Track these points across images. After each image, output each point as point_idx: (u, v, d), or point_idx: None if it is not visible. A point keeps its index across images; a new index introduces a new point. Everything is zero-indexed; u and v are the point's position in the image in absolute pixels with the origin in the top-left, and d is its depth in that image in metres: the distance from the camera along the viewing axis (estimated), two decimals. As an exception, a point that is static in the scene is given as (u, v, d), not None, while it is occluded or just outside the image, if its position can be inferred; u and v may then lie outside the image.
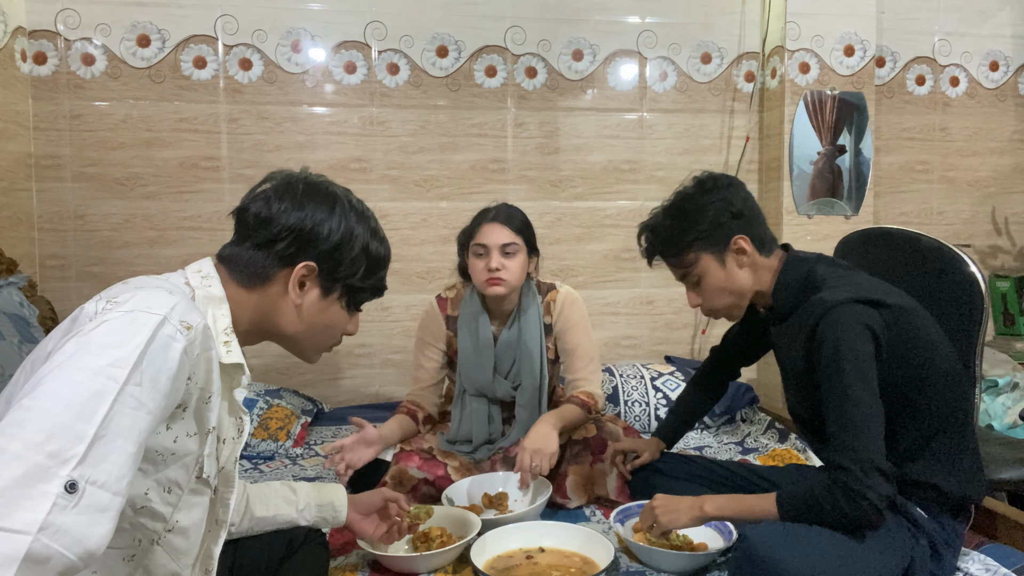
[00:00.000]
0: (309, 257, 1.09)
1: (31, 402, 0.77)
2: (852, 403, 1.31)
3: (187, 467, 0.98)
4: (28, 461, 0.73)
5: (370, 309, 3.00)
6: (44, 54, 2.73)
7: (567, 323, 2.06)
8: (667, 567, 1.56)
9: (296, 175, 1.15)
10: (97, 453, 0.77)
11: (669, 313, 3.20)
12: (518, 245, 1.95)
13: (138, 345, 0.84)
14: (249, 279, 1.08)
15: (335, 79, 2.92)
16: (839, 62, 3.01)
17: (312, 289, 1.11)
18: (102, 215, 2.79)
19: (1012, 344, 3.05)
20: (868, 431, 1.30)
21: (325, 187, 1.14)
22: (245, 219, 1.10)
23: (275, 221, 1.07)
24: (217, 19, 2.82)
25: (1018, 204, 3.42)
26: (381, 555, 1.57)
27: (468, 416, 2.06)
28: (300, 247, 1.08)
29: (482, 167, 3.04)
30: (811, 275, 1.48)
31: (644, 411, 2.66)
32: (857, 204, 3.04)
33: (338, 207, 1.11)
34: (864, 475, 1.27)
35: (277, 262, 1.08)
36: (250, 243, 1.09)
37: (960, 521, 1.45)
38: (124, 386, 0.81)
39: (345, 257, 1.11)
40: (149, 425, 0.85)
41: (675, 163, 3.14)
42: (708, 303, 1.58)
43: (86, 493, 0.75)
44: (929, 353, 1.40)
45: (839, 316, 1.36)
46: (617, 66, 3.10)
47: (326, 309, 1.14)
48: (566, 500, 1.91)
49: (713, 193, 1.53)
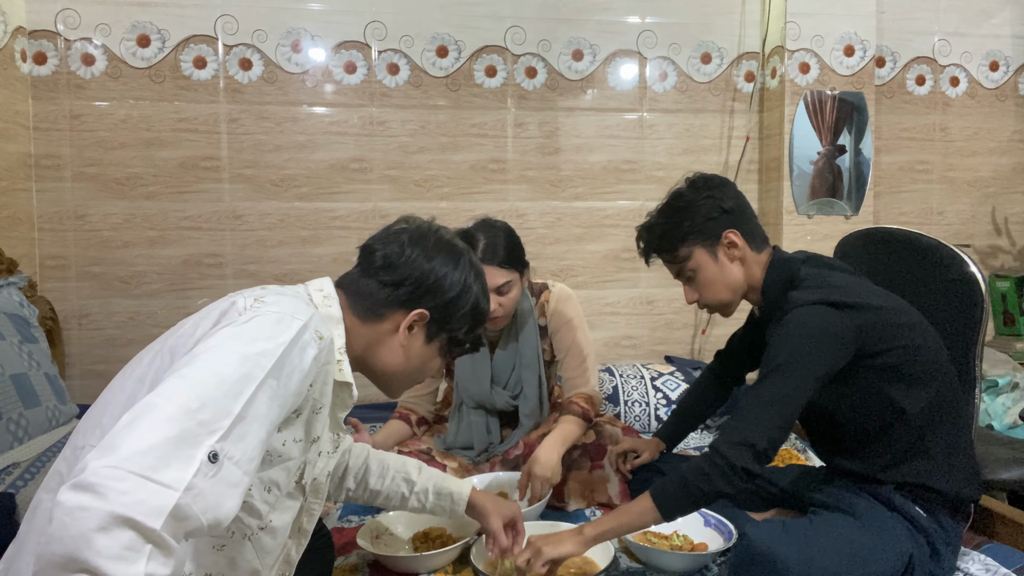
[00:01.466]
0: (425, 305, 1.16)
1: (188, 371, 0.86)
2: (769, 386, 1.35)
3: (288, 470, 1.05)
4: (181, 424, 0.80)
5: (370, 309, 3.02)
6: (44, 54, 2.73)
7: (560, 322, 2.04)
8: (667, 567, 1.56)
9: (430, 226, 1.23)
10: (238, 431, 0.85)
11: (669, 313, 3.20)
12: (512, 280, 1.88)
13: (282, 343, 0.93)
14: (365, 312, 1.15)
15: (335, 79, 2.92)
16: (839, 62, 3.01)
17: (419, 333, 1.18)
18: (102, 215, 2.79)
19: (1012, 344, 3.05)
20: (769, 415, 1.32)
21: (454, 243, 1.22)
22: (373, 257, 1.17)
23: (404, 266, 1.15)
24: (217, 19, 2.82)
25: (1018, 204, 3.42)
26: (381, 555, 1.57)
27: (466, 428, 2.05)
28: (420, 295, 1.16)
29: (482, 167, 3.04)
30: (793, 275, 1.51)
31: (644, 411, 2.66)
32: (857, 204, 3.04)
33: (461, 264, 1.20)
34: (737, 444, 1.30)
35: (396, 304, 1.16)
36: (375, 280, 1.16)
37: (959, 520, 1.46)
38: (266, 377, 0.89)
39: (457, 311, 1.19)
40: (277, 417, 0.93)
41: (675, 163, 3.14)
42: (703, 298, 1.61)
43: (224, 466, 0.83)
44: (912, 354, 1.41)
45: (798, 315, 1.39)
46: (617, 66, 3.10)
47: (425, 354, 1.22)
48: (564, 504, 1.92)
49: (704, 191, 1.57)
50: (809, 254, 1.59)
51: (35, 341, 2.20)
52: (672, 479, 1.36)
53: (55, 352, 2.56)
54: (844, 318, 1.38)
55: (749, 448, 1.30)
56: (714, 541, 1.62)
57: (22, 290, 2.35)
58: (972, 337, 1.57)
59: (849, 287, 1.45)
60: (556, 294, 2.07)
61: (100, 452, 0.77)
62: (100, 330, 2.81)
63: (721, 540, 1.60)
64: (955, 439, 1.45)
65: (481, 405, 2.05)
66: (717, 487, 1.31)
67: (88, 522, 0.72)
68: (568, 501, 1.92)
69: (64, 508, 0.73)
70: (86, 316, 2.80)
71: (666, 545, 1.60)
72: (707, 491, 1.32)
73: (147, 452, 0.77)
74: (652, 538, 1.63)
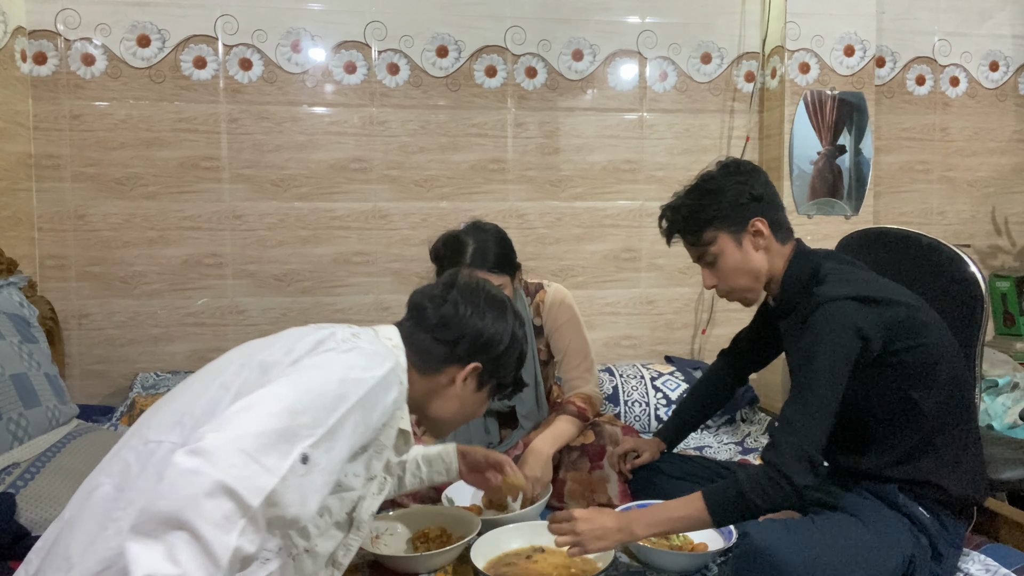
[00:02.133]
0: (479, 359, 1.25)
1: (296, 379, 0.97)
2: (810, 391, 1.33)
3: (343, 500, 1.12)
4: (285, 422, 0.90)
5: (370, 309, 3.02)
6: (44, 54, 2.73)
7: (556, 322, 2.04)
8: (667, 567, 1.56)
9: (478, 283, 1.32)
10: (327, 443, 0.95)
11: (669, 313, 3.20)
12: (503, 282, 1.87)
13: (375, 377, 1.03)
14: (424, 365, 1.23)
15: (335, 79, 2.92)
16: (839, 62, 3.01)
17: (471, 383, 1.28)
18: (102, 215, 2.79)
19: (1012, 344, 3.05)
20: (816, 421, 1.31)
21: (500, 299, 1.31)
22: (426, 314, 1.25)
23: (460, 326, 1.23)
24: (217, 19, 2.82)
25: (1018, 204, 3.42)
26: (381, 555, 1.57)
27: (464, 430, 2.04)
28: (475, 350, 1.25)
29: (482, 167, 3.04)
30: (817, 270, 1.49)
31: (644, 411, 2.66)
32: (857, 204, 3.04)
33: (508, 317, 1.29)
34: (795, 460, 1.29)
35: (454, 360, 1.24)
36: (430, 336, 1.23)
37: (962, 522, 1.45)
38: (358, 402, 1.00)
39: (507, 361, 1.29)
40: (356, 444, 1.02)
41: (675, 163, 3.14)
42: (724, 283, 1.58)
43: (312, 470, 0.92)
44: (935, 353, 1.40)
45: (829, 311, 1.37)
46: (617, 66, 3.10)
47: (477, 400, 1.31)
48: (563, 505, 1.91)
49: (735, 176, 1.55)
50: (830, 251, 1.58)
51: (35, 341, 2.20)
52: (728, 488, 1.34)
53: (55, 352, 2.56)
54: (872, 313, 1.37)
55: (807, 462, 1.29)
56: (714, 541, 1.62)
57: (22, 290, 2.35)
58: (972, 337, 1.58)
59: (875, 283, 1.44)
60: (551, 294, 2.06)
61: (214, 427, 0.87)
62: (100, 330, 2.81)
63: (721, 540, 1.60)
64: (965, 439, 1.44)
65: None
66: (775, 504, 1.31)
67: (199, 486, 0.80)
68: (568, 502, 1.92)
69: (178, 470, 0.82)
70: (86, 316, 2.80)
71: (666, 545, 1.60)
72: (764, 507, 1.31)
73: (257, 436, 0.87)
74: (652, 538, 1.63)
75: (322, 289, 2.97)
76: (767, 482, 1.30)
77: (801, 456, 1.29)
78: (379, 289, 3.01)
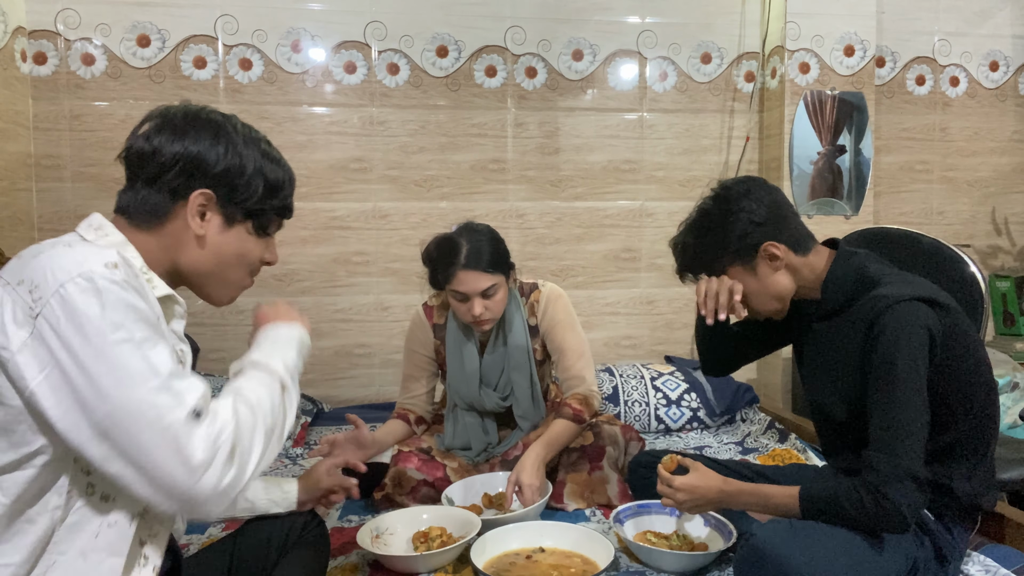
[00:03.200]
0: (202, 184, 1.07)
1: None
2: (899, 404, 1.29)
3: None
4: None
5: (370, 309, 3.02)
6: (44, 54, 2.73)
7: (552, 321, 2.03)
8: (667, 567, 1.56)
9: (172, 107, 1.11)
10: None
11: (669, 313, 3.20)
12: (497, 283, 1.87)
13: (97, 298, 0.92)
14: (147, 219, 1.07)
15: (335, 79, 2.92)
16: (839, 62, 3.01)
17: (214, 218, 1.09)
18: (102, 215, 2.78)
19: (1012, 344, 3.05)
20: (911, 435, 1.27)
21: (205, 114, 1.11)
22: (130, 160, 1.09)
23: (158, 153, 1.05)
24: (217, 19, 2.82)
25: (1018, 204, 3.42)
26: (381, 555, 1.57)
27: (463, 429, 2.05)
28: (189, 175, 1.06)
29: (482, 167, 3.04)
30: (863, 270, 1.44)
31: (644, 411, 2.66)
32: (857, 204, 3.04)
33: (221, 132, 1.09)
34: (898, 481, 1.25)
35: (170, 195, 1.06)
36: (139, 182, 1.07)
37: (967, 527, 1.45)
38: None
39: (239, 181, 1.09)
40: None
41: (675, 163, 3.14)
42: (749, 309, 1.52)
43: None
44: (976, 359, 1.39)
45: (901, 313, 1.32)
46: (617, 66, 3.10)
47: (232, 237, 1.12)
48: (563, 505, 1.92)
49: (732, 205, 1.47)
50: (869, 252, 1.52)
51: (35, 341, 2.20)
52: (827, 492, 1.32)
53: (55, 352, 2.55)
54: (938, 316, 1.34)
55: (914, 482, 1.26)
56: (714, 541, 1.62)
57: (22, 290, 2.35)
58: (972, 337, 1.57)
59: (930, 285, 1.41)
60: (547, 294, 2.06)
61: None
62: (100, 330, 2.81)
63: (721, 540, 1.60)
64: (984, 448, 1.43)
65: (472, 407, 2.05)
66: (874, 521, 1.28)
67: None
68: (567, 502, 1.92)
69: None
70: (86, 316, 2.80)
71: (666, 545, 1.60)
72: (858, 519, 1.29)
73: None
74: (652, 538, 1.63)
75: (322, 289, 2.97)
76: (870, 502, 1.26)
77: (905, 476, 1.25)
78: (379, 289, 3.01)
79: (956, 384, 1.37)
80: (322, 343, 2.97)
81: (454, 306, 1.93)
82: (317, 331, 2.97)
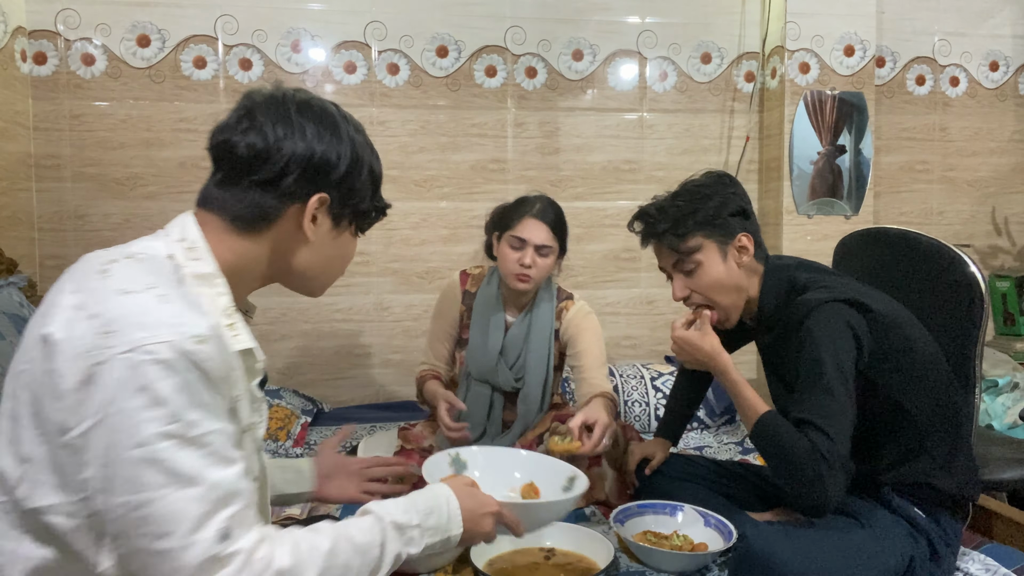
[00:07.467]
0: (324, 188, 0.97)
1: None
2: (827, 393, 1.31)
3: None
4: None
5: (370, 309, 3.02)
6: (44, 54, 2.73)
7: (578, 328, 2.07)
8: (667, 567, 1.55)
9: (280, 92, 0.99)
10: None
11: (669, 313, 3.20)
12: (553, 248, 1.98)
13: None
14: (252, 224, 0.96)
15: (335, 79, 2.92)
16: (839, 62, 3.01)
17: (324, 221, 1.00)
18: (102, 215, 2.79)
19: (1012, 344, 3.05)
20: (841, 424, 1.30)
21: (318, 105, 0.99)
22: (234, 155, 0.95)
23: (278, 153, 0.94)
24: (217, 19, 2.82)
25: (1018, 204, 3.42)
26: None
27: (472, 400, 2.08)
28: (310, 179, 0.96)
29: (482, 167, 3.04)
30: (793, 280, 1.49)
31: (644, 411, 2.67)
32: (857, 204, 3.04)
33: (340, 128, 0.99)
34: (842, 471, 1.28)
35: (287, 199, 0.96)
36: (248, 182, 0.95)
37: (958, 520, 1.46)
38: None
39: (356, 183, 1.01)
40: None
41: (675, 163, 3.14)
42: (704, 294, 1.53)
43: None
44: (916, 358, 1.41)
45: (822, 313, 1.37)
46: (617, 66, 3.10)
47: (338, 239, 1.04)
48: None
49: (727, 185, 1.55)
50: (798, 259, 1.57)
51: (35, 341, 2.20)
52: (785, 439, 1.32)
53: (55, 352, 2.55)
54: (860, 318, 1.37)
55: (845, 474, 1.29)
56: (714, 541, 1.62)
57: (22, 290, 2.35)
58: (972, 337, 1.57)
59: (857, 288, 1.45)
60: (577, 307, 2.11)
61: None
62: (100, 330, 2.81)
63: (721, 540, 1.60)
64: (956, 438, 1.44)
65: (486, 379, 2.08)
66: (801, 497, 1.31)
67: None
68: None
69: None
70: (86, 316, 2.80)
71: (666, 545, 1.60)
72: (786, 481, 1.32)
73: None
74: (652, 538, 1.63)
75: (322, 289, 2.97)
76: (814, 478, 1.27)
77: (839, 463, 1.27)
78: (379, 289, 3.01)
79: (902, 379, 1.40)
80: (322, 343, 2.97)
81: (505, 255, 1.98)
82: (317, 331, 2.98)
